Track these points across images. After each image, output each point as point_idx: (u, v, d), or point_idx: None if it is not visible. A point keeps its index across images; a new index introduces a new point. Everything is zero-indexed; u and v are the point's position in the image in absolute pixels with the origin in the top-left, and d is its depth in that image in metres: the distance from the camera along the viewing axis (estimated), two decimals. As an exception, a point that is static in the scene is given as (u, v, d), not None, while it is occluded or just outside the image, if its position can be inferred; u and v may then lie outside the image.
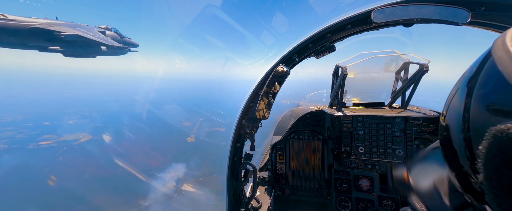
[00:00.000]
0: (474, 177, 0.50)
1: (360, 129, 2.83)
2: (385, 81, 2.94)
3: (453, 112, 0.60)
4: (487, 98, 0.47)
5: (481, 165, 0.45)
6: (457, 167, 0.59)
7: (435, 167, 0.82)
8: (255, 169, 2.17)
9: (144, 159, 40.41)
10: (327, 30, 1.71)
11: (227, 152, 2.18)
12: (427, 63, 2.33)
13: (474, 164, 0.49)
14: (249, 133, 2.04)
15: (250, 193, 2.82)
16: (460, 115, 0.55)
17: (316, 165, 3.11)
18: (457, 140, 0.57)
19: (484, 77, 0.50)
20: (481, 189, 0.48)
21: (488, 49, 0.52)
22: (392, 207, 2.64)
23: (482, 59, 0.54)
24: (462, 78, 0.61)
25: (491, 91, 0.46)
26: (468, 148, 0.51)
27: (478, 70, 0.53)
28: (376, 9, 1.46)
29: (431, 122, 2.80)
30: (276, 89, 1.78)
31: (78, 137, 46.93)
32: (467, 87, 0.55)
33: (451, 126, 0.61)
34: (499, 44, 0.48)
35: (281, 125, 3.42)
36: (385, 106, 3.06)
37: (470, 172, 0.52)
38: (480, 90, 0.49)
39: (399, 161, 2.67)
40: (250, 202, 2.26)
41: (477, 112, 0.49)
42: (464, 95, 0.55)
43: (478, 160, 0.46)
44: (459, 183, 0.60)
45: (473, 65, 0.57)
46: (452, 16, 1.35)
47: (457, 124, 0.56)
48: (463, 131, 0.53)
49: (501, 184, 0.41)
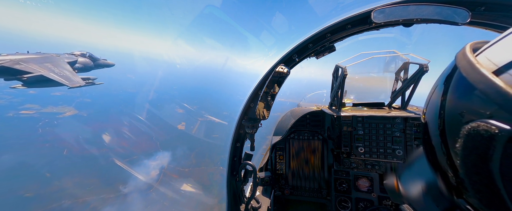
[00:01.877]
0: (451, 172, 0.53)
1: (360, 129, 2.83)
2: (385, 81, 2.94)
3: (431, 109, 0.63)
4: (458, 101, 0.51)
5: (459, 163, 0.48)
6: (436, 165, 0.61)
7: (422, 170, 0.82)
8: (255, 169, 2.17)
9: (131, 142, 38.44)
10: (327, 30, 1.71)
11: (227, 152, 2.18)
12: (427, 63, 2.33)
13: (450, 159, 0.52)
14: (249, 133, 2.04)
15: (249, 193, 2.82)
16: (437, 112, 0.58)
17: (316, 165, 3.11)
18: (434, 136, 0.59)
19: (455, 80, 0.54)
20: (459, 185, 0.51)
21: (458, 52, 0.57)
22: (392, 207, 2.64)
23: (454, 63, 0.57)
24: (441, 76, 0.63)
25: (461, 94, 0.51)
26: (444, 144, 0.54)
27: (455, 68, 0.56)
28: (376, 9, 1.46)
29: None
30: (276, 90, 1.78)
31: (63, 110, 43.57)
32: (443, 85, 0.58)
33: (430, 123, 0.63)
34: (460, 56, 0.54)
35: (281, 125, 3.41)
36: (385, 106, 3.06)
37: (447, 167, 0.54)
38: (453, 92, 0.54)
39: (399, 161, 2.67)
40: (249, 202, 2.26)
41: (451, 111, 0.53)
42: (441, 93, 0.58)
43: (457, 159, 0.49)
44: (441, 180, 0.61)
45: (450, 65, 0.60)
46: (452, 16, 1.35)
47: (435, 121, 0.59)
48: (439, 127, 0.56)
49: (480, 178, 0.43)
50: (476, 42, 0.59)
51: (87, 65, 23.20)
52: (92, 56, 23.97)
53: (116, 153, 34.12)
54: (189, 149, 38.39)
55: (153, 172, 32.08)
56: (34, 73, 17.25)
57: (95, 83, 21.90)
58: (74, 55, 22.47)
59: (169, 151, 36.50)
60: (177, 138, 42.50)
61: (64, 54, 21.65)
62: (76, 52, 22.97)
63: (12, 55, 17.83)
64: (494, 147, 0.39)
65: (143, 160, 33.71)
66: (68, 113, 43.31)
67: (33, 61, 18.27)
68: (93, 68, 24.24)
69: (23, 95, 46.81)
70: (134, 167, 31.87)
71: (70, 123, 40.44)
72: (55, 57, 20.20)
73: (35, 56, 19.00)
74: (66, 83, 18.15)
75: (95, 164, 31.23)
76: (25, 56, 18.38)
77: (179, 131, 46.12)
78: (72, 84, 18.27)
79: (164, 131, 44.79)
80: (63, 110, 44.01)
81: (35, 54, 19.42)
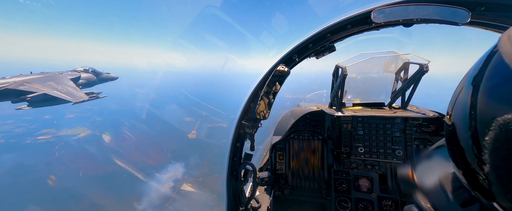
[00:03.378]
0: (482, 174, 0.50)
1: (360, 129, 2.83)
2: (385, 81, 2.94)
3: (459, 110, 0.61)
4: (494, 91, 0.48)
5: (487, 156, 0.46)
6: (464, 164, 0.60)
7: (440, 165, 0.83)
8: (255, 169, 2.17)
9: (143, 156, 39.36)
10: (327, 30, 1.71)
11: (227, 152, 2.18)
12: (427, 63, 2.33)
13: (479, 159, 0.49)
14: (249, 133, 2.04)
15: (249, 193, 2.82)
16: (466, 112, 0.56)
17: (315, 165, 3.11)
18: (464, 137, 0.58)
19: (491, 72, 0.51)
20: (489, 183, 0.49)
21: (493, 46, 0.54)
22: (392, 207, 2.63)
23: (487, 56, 0.55)
24: (467, 77, 0.62)
25: (499, 84, 0.47)
26: (476, 145, 0.51)
27: (483, 67, 0.54)
28: (376, 9, 1.46)
29: (431, 122, 2.80)
30: (276, 90, 1.78)
31: (77, 131, 45.47)
32: (472, 85, 0.56)
33: (458, 124, 0.61)
34: (505, 39, 0.50)
35: (281, 125, 3.41)
36: (385, 106, 3.06)
37: (478, 168, 0.52)
38: (487, 84, 0.50)
39: (398, 161, 2.67)
40: (249, 202, 2.26)
41: (484, 106, 0.50)
42: (470, 93, 0.56)
43: (485, 151, 0.46)
44: (466, 180, 0.60)
45: (478, 64, 0.58)
46: (452, 16, 1.35)
47: (464, 122, 0.57)
48: (470, 128, 0.54)
49: (508, 173, 0.41)
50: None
51: (90, 80, 23.42)
52: (95, 71, 24.15)
53: (128, 168, 34.70)
54: (200, 157, 38.82)
55: (167, 184, 32.56)
56: (37, 93, 17.51)
57: (99, 97, 22.07)
58: (77, 71, 22.68)
59: (182, 161, 36.98)
60: (188, 147, 43.21)
61: (67, 72, 21.89)
62: (78, 68, 23.15)
63: (16, 77, 18.18)
64: None
65: (157, 174, 34.28)
66: (82, 133, 44.99)
67: (36, 81, 18.51)
68: (97, 82, 24.44)
69: (39, 121, 49.03)
70: (148, 181, 32.51)
71: (85, 143, 41.68)
72: (57, 75, 20.44)
73: (38, 76, 19.24)
74: (69, 99, 18.30)
75: (110, 182, 31.97)
76: (28, 77, 18.66)
77: (190, 139, 47.05)
78: (75, 99, 18.43)
79: (175, 141, 45.76)
80: (77, 131, 45.89)
81: (38, 74, 19.67)
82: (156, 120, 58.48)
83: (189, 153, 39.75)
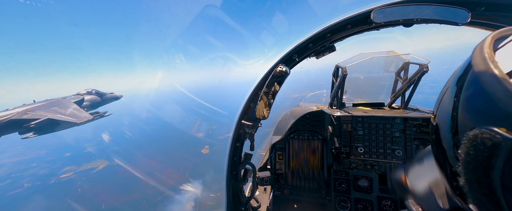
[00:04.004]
0: (458, 176, 0.50)
1: (359, 129, 2.83)
2: (385, 81, 2.94)
3: (443, 111, 0.60)
4: (467, 102, 0.48)
5: (461, 168, 0.47)
6: (445, 167, 0.59)
7: (431, 169, 0.82)
8: (255, 168, 2.17)
9: (161, 179, 39.20)
10: (327, 30, 1.71)
11: (227, 152, 2.18)
12: (427, 63, 2.33)
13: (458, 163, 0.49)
14: (248, 132, 2.04)
15: (249, 193, 2.82)
16: (449, 113, 0.55)
17: (315, 165, 3.11)
18: (446, 139, 0.57)
19: (468, 79, 0.50)
20: (462, 189, 0.49)
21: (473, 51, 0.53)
22: (391, 208, 2.64)
23: (470, 60, 0.53)
24: (453, 76, 0.61)
25: (471, 96, 0.47)
26: (456, 148, 0.51)
27: (467, 69, 0.53)
28: (376, 9, 1.46)
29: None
30: (276, 89, 1.78)
31: (96, 164, 46.05)
32: (456, 86, 0.55)
33: (441, 125, 0.60)
34: (477, 51, 0.49)
35: (280, 125, 3.42)
36: (385, 106, 3.06)
37: (456, 170, 0.52)
38: (465, 92, 0.50)
39: (398, 161, 2.67)
40: (249, 201, 2.26)
41: (461, 113, 0.50)
42: (454, 94, 0.55)
43: (459, 164, 0.47)
44: (448, 184, 0.59)
45: (464, 64, 0.57)
46: (452, 16, 1.35)
47: (446, 123, 0.56)
48: (452, 130, 0.53)
49: (480, 186, 0.42)
50: (504, 31, 0.52)
51: (94, 101, 23.55)
52: (98, 92, 24.31)
53: (149, 194, 35.14)
54: (216, 171, 38.27)
55: (189, 205, 32.41)
56: (41, 119, 17.59)
57: (104, 115, 22.18)
58: (80, 94, 22.89)
59: (199, 178, 36.92)
60: (203, 164, 43.15)
61: (70, 96, 22.11)
62: (82, 91, 23.37)
63: (19, 107, 18.33)
64: (497, 156, 0.37)
65: (175, 195, 34.36)
66: (101, 165, 45.49)
67: (40, 109, 18.63)
68: (101, 103, 24.57)
69: (60, 160, 50.43)
70: (169, 204, 32.61)
71: (104, 175, 42.45)
72: (61, 100, 20.65)
73: (42, 104, 19.39)
74: (74, 120, 18.34)
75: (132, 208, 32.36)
76: (31, 105, 18.81)
77: (204, 155, 47.17)
78: (80, 120, 18.54)
79: (190, 160, 45.88)
80: (96, 164, 46.20)
81: (41, 102, 19.87)
82: (168, 142, 59.16)
83: (206, 170, 39.61)
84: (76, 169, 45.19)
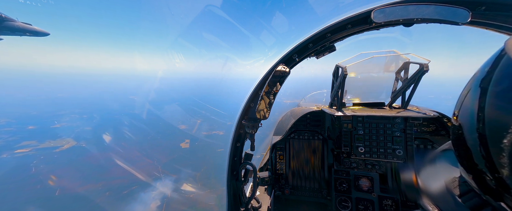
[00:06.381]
0: (489, 175, 0.51)
1: (360, 129, 2.83)
2: (385, 81, 2.94)
3: (466, 112, 0.62)
4: (505, 94, 0.49)
5: (506, 159, 0.46)
6: (471, 166, 0.60)
7: (446, 169, 0.82)
8: (255, 169, 2.17)
9: (129, 171, 33.91)
10: (327, 30, 1.71)
11: (227, 152, 2.18)
12: (427, 63, 2.33)
13: (489, 162, 0.50)
14: (249, 132, 2.04)
15: (250, 193, 2.82)
16: (474, 114, 0.56)
17: (316, 165, 3.11)
18: (471, 139, 0.58)
19: (500, 74, 0.51)
20: (499, 186, 0.49)
21: (501, 49, 0.54)
22: (392, 207, 2.63)
23: (494, 59, 0.55)
24: (474, 79, 0.62)
25: (509, 88, 0.48)
26: (483, 146, 0.52)
27: (491, 70, 0.55)
28: (376, 9, 1.46)
29: (431, 122, 2.79)
30: (276, 89, 1.78)
31: (61, 143, 40.51)
32: (480, 87, 0.57)
33: (465, 125, 0.62)
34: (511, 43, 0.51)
35: (281, 125, 3.42)
36: (385, 106, 3.06)
37: (485, 170, 0.53)
38: (496, 87, 0.51)
39: (399, 161, 2.67)
40: (250, 202, 2.26)
41: (495, 109, 0.50)
42: (478, 96, 0.57)
43: (503, 154, 0.47)
44: (474, 182, 0.60)
45: (485, 66, 0.59)
46: (452, 16, 1.35)
47: (471, 123, 0.58)
48: (478, 130, 0.55)
49: None
50: None
51: None
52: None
53: (112, 185, 30.41)
54: (193, 169, 34.47)
55: (154, 203, 28.31)
56: None
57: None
58: None
59: (173, 175, 32.92)
60: (180, 159, 38.71)
61: None
62: None
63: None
64: None
65: (142, 191, 29.88)
66: (66, 145, 40.20)
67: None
68: None
69: (21, 133, 44.54)
70: (131, 201, 28.13)
71: (66, 156, 37.09)
72: None
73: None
74: None
75: (89, 203, 27.46)
76: None
77: (183, 149, 42.68)
78: None
79: (166, 152, 41.15)
80: (61, 142, 40.80)
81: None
82: (148, 128, 53.70)
83: (182, 166, 35.56)
84: (37, 145, 39.16)
